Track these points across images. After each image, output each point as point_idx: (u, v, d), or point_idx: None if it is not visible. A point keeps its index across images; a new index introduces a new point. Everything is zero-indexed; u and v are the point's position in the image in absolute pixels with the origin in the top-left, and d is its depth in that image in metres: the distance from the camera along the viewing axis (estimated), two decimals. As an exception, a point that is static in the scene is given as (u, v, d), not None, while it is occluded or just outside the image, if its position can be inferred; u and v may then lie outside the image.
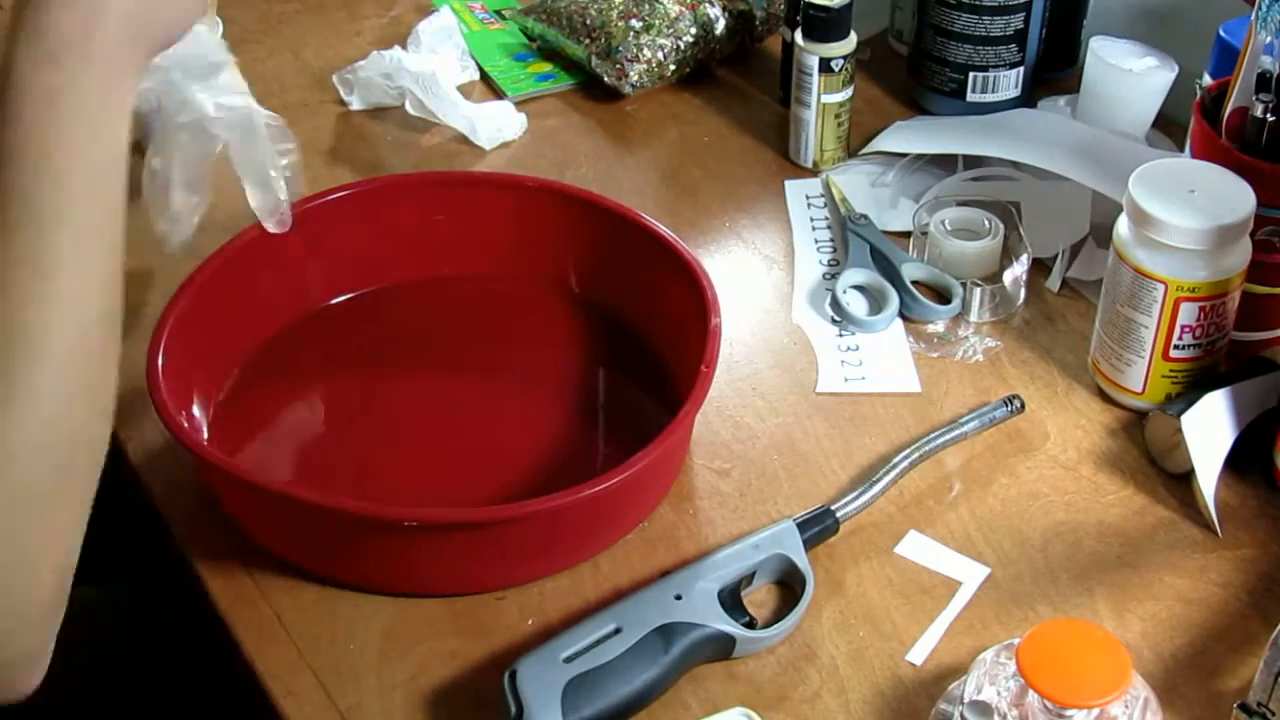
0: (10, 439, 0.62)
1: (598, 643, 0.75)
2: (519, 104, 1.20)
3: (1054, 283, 1.03)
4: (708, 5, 1.20)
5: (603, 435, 0.90)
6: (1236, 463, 0.87)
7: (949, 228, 1.04)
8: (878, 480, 0.85)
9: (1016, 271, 1.00)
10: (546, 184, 1.04)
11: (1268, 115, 0.87)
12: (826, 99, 1.10)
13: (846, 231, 1.06)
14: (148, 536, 0.88)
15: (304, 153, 0.91)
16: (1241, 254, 0.87)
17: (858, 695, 0.76)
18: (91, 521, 0.67)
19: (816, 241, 1.07)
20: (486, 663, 0.78)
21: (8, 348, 0.62)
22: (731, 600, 0.78)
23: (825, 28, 1.08)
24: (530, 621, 0.80)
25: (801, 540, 0.81)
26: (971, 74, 1.15)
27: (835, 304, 1.01)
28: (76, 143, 0.65)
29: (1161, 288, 0.87)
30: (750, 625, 0.78)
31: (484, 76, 1.26)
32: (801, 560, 0.81)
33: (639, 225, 0.96)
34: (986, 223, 1.03)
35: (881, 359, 0.97)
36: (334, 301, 0.99)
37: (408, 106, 1.18)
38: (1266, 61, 0.87)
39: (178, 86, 0.85)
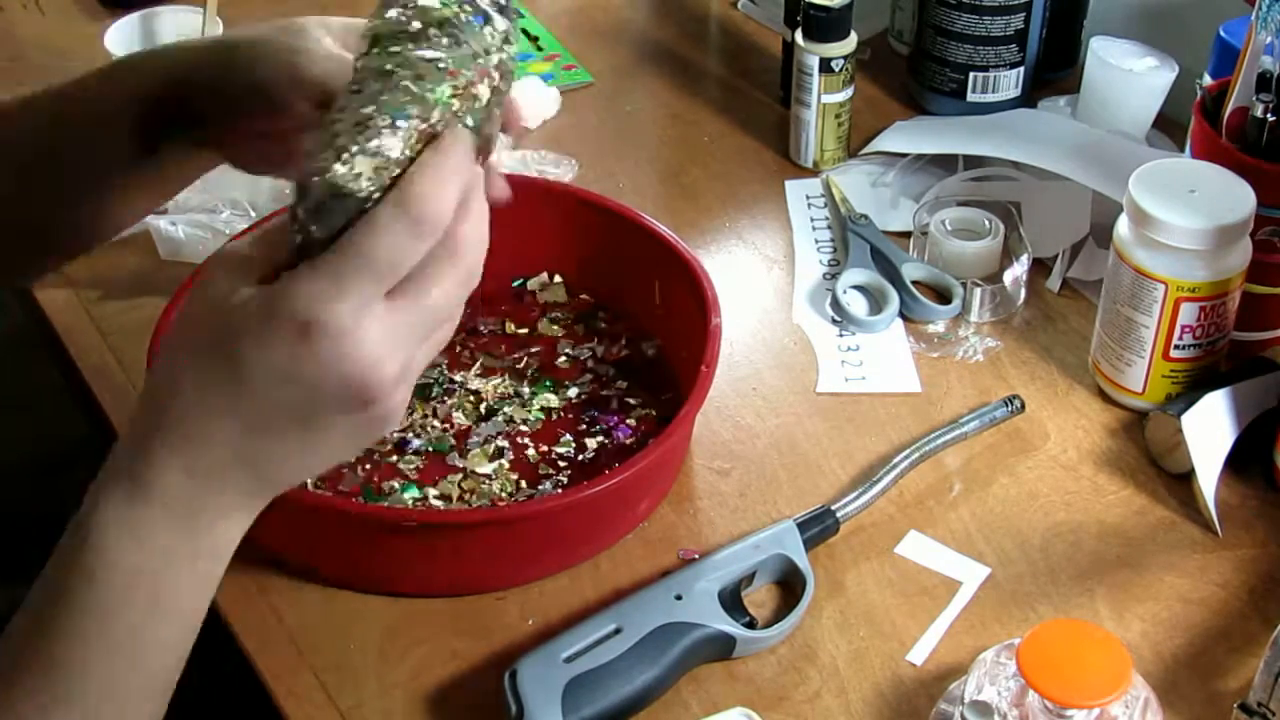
0: None
1: (598, 643, 0.75)
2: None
3: (1054, 283, 1.03)
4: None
5: (603, 435, 0.90)
6: (1236, 463, 0.87)
7: (949, 228, 1.04)
8: (878, 480, 0.85)
9: (1016, 271, 1.00)
10: (547, 184, 1.04)
11: (1268, 115, 0.87)
12: (826, 99, 1.10)
13: (847, 231, 1.06)
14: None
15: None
16: (1241, 254, 0.87)
17: (858, 695, 0.76)
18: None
19: (817, 241, 1.07)
20: (486, 663, 0.78)
21: None
22: (732, 600, 0.79)
23: (825, 28, 1.08)
24: (530, 621, 0.80)
25: (802, 540, 0.82)
26: (971, 74, 1.15)
27: (835, 304, 1.01)
28: (147, 620, 0.59)
29: (1162, 288, 0.87)
30: (750, 625, 0.78)
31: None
32: (802, 560, 0.81)
33: (639, 225, 0.96)
34: (986, 223, 1.03)
35: (882, 359, 0.97)
36: (334, 301, 0.99)
37: None
38: (1266, 61, 0.87)
39: None
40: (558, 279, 1.01)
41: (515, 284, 1.01)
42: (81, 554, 0.58)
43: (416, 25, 0.58)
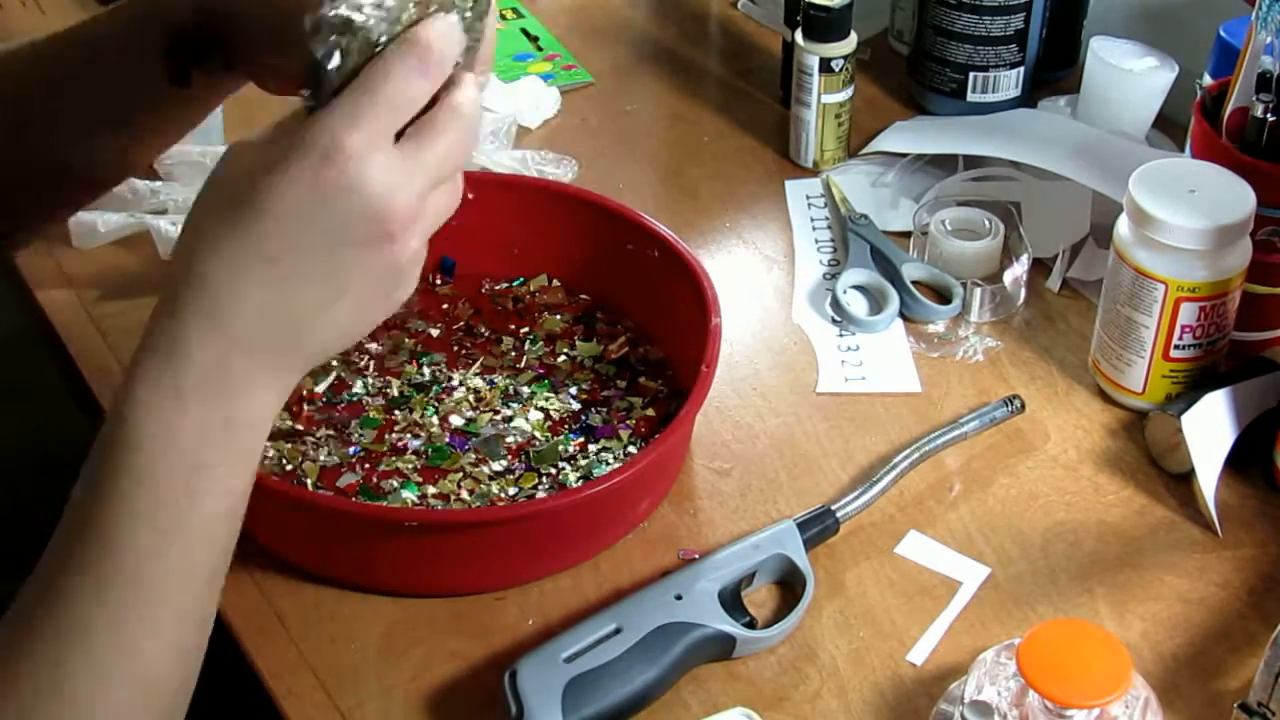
0: None
1: (598, 643, 0.75)
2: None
3: (1054, 283, 1.03)
4: None
5: (603, 435, 0.90)
6: (1236, 463, 0.87)
7: (949, 228, 1.04)
8: (878, 480, 0.85)
9: (1016, 271, 1.00)
10: (547, 184, 1.04)
11: (1268, 115, 0.87)
12: (826, 99, 1.10)
13: (847, 231, 1.06)
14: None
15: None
16: (1241, 254, 0.87)
17: (858, 695, 0.76)
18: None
19: (817, 241, 1.07)
20: (486, 663, 0.78)
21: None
22: (732, 600, 0.79)
23: (825, 28, 1.08)
24: (530, 621, 0.80)
25: (802, 540, 0.82)
26: (971, 74, 1.15)
27: (835, 304, 1.01)
28: (191, 493, 0.59)
29: (1162, 288, 0.87)
30: (750, 625, 0.78)
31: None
32: (802, 560, 0.81)
33: (639, 225, 0.96)
34: (986, 223, 1.04)
35: (881, 359, 0.97)
36: (334, 301, 0.99)
37: None
38: (1266, 61, 0.87)
39: None
40: (556, 281, 1.01)
41: (515, 284, 1.01)
42: (121, 430, 0.58)
43: None
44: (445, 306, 1.00)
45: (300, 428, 0.90)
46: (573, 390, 0.93)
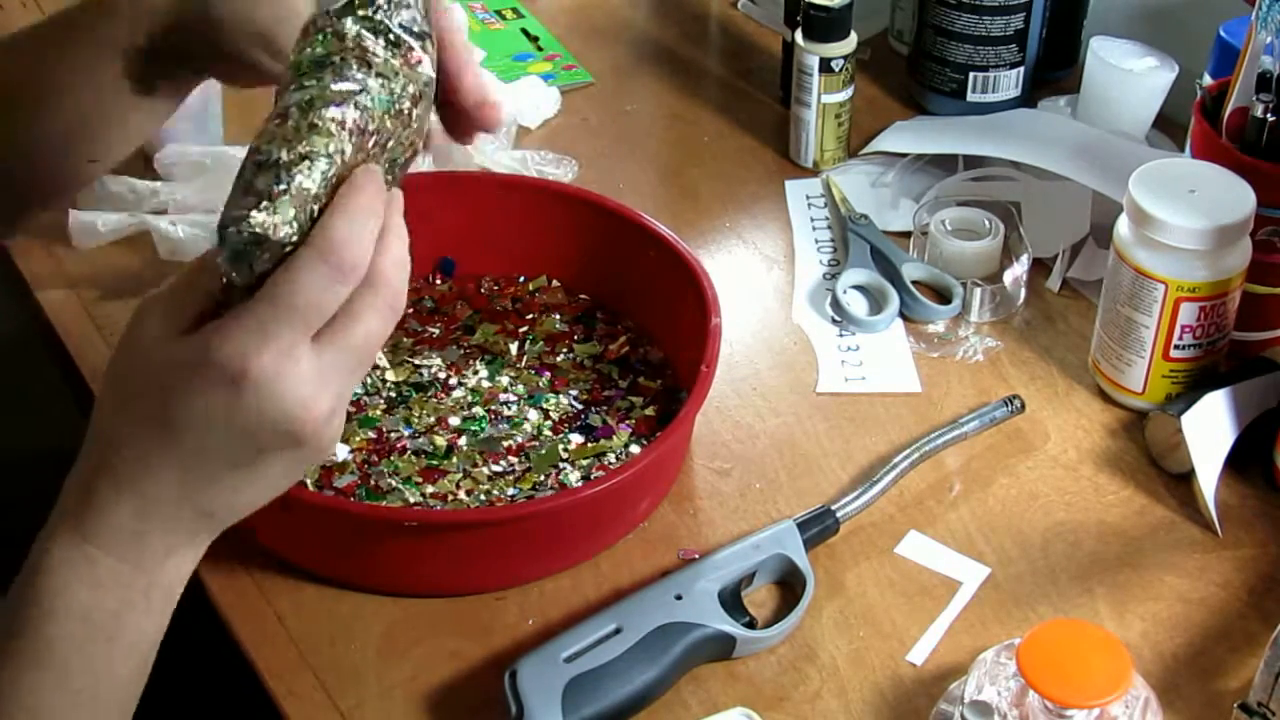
0: None
1: (598, 643, 0.75)
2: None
3: (1054, 283, 1.03)
4: None
5: (603, 435, 0.90)
6: (1236, 463, 0.88)
7: (949, 228, 1.04)
8: (878, 480, 0.85)
9: (1016, 271, 1.00)
10: (547, 184, 1.04)
11: (1268, 115, 0.87)
12: (826, 99, 1.10)
13: (847, 231, 1.06)
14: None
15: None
16: (1241, 254, 0.87)
17: (858, 695, 0.76)
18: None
19: (817, 241, 1.07)
20: (486, 663, 0.78)
21: None
22: (732, 600, 0.79)
23: (825, 28, 1.08)
24: (530, 621, 0.80)
25: (802, 540, 0.82)
26: (971, 74, 1.15)
27: (835, 304, 1.01)
28: (108, 657, 0.59)
29: (1162, 288, 0.87)
30: (750, 625, 0.78)
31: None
32: (802, 560, 0.81)
33: (639, 225, 0.96)
34: (986, 223, 1.04)
35: (882, 359, 0.97)
36: (334, 301, 0.99)
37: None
38: (1266, 61, 0.87)
39: None
40: (556, 281, 1.01)
41: (516, 284, 1.01)
42: (35, 595, 0.58)
43: (337, 59, 0.59)
44: (445, 306, 1.00)
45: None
46: (573, 390, 0.93)
